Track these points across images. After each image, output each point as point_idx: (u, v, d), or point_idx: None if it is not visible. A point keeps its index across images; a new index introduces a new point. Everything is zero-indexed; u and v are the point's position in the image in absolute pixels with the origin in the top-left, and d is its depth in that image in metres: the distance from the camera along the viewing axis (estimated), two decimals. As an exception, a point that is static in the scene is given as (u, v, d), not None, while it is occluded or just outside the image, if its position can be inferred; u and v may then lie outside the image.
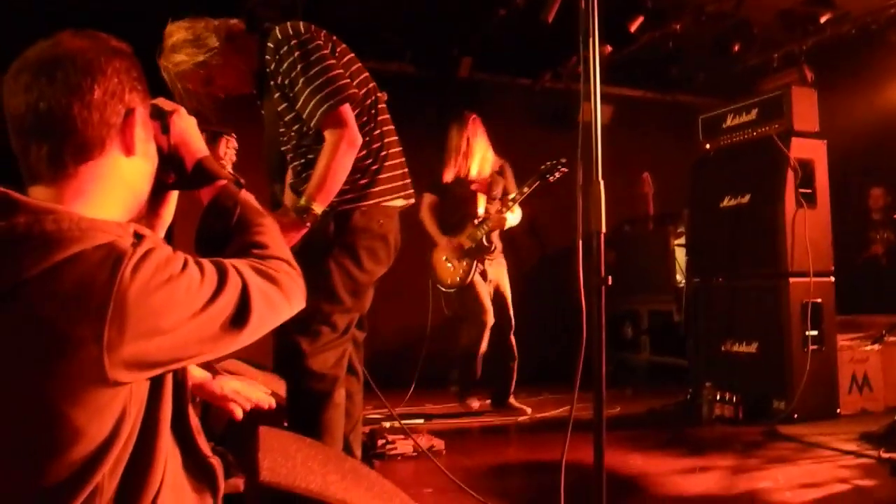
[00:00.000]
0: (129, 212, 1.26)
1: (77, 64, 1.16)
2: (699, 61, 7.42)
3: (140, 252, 1.07)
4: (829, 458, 3.70)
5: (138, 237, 1.12)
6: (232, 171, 1.51)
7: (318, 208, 2.45)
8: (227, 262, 1.21)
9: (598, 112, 1.71)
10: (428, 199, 5.19)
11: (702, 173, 5.44)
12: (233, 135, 2.78)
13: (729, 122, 5.24)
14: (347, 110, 2.49)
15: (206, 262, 1.17)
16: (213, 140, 3.71)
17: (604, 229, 1.72)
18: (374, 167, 2.65)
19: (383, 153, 2.68)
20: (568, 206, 2.10)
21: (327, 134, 2.49)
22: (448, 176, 5.19)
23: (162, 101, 1.47)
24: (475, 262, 5.03)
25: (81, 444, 1.04)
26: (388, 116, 2.77)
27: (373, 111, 2.69)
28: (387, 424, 4.38)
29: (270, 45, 2.57)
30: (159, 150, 1.35)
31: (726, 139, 5.25)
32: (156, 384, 1.15)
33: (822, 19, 6.13)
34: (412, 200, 2.82)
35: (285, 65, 2.51)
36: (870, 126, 7.43)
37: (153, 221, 1.43)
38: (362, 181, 2.61)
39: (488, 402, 5.21)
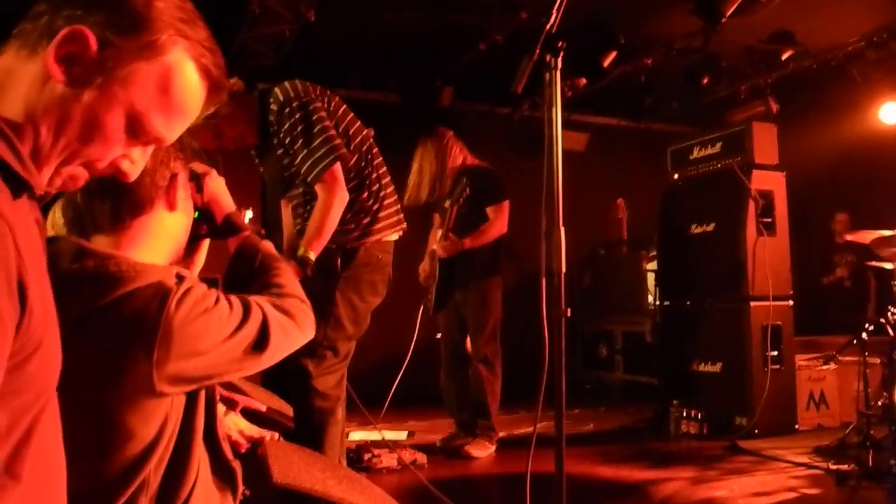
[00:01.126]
0: (171, 256, 1.54)
1: None
2: (671, 91, 7.77)
3: (182, 289, 1.34)
4: (783, 470, 3.99)
5: (180, 278, 1.39)
6: (256, 225, 1.80)
7: (313, 256, 2.77)
8: (251, 298, 1.48)
9: (559, 166, 1.97)
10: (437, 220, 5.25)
11: (670, 202, 5.75)
12: (248, 209, 3.10)
13: (696, 153, 5.57)
14: (338, 169, 2.82)
15: (234, 297, 1.44)
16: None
17: (563, 269, 1.99)
18: (375, 207, 2.99)
19: (382, 193, 3.03)
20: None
21: (319, 190, 2.82)
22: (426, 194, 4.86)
23: (196, 165, 1.76)
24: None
25: (133, 443, 1.31)
26: (381, 158, 3.10)
27: (368, 155, 3.02)
28: (370, 439, 4.62)
29: (273, 106, 2.88)
30: (194, 206, 1.62)
31: (693, 170, 5.58)
32: (191, 398, 1.42)
33: (784, 56, 6.48)
34: (404, 229, 3.15)
35: (287, 125, 2.85)
36: (833, 155, 7.80)
37: (188, 264, 1.70)
38: (365, 220, 2.96)
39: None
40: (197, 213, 1.65)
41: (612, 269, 7.54)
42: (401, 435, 4.99)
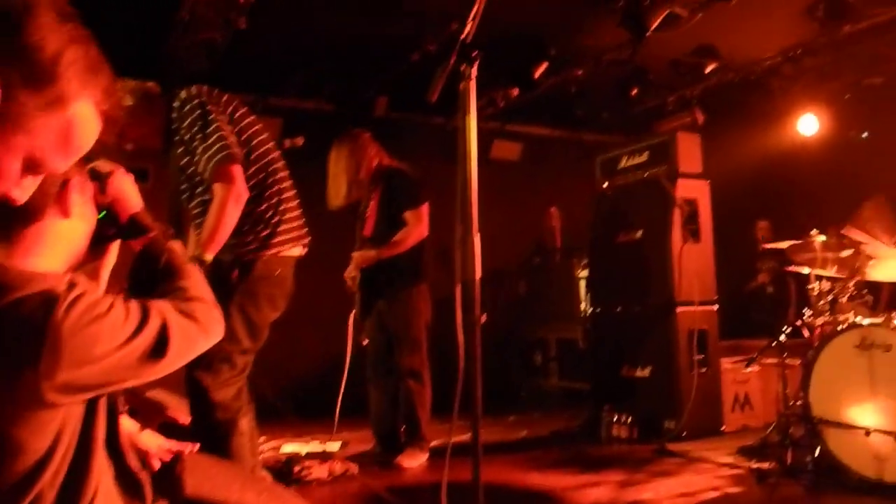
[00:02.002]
0: (69, 262, 1.50)
1: None
2: (602, 102, 7.93)
3: (72, 295, 1.32)
4: (708, 471, 4.10)
5: (72, 284, 1.36)
6: (163, 225, 1.77)
7: (209, 257, 2.74)
8: (152, 302, 1.46)
9: (474, 175, 1.99)
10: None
11: (600, 210, 5.86)
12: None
13: (624, 162, 5.69)
14: (237, 169, 2.80)
15: (132, 302, 1.42)
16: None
17: (479, 276, 2.01)
18: (275, 219, 2.95)
19: (282, 206, 2.99)
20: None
21: (216, 188, 2.80)
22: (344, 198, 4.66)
23: (101, 164, 1.72)
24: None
25: (24, 456, 1.28)
26: (286, 172, 3.07)
27: (270, 168, 3.00)
28: (303, 451, 4.58)
29: (176, 104, 2.90)
30: (99, 207, 1.59)
31: (621, 178, 5.70)
32: (90, 407, 1.39)
33: (708, 69, 6.68)
34: (307, 244, 3.11)
35: (186, 121, 2.85)
36: (756, 164, 8.06)
37: (98, 267, 1.66)
38: (264, 232, 2.91)
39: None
40: (103, 214, 1.62)
41: (546, 276, 7.64)
42: (334, 446, 4.95)
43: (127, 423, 2.13)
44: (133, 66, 3.42)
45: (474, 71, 2.00)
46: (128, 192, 1.71)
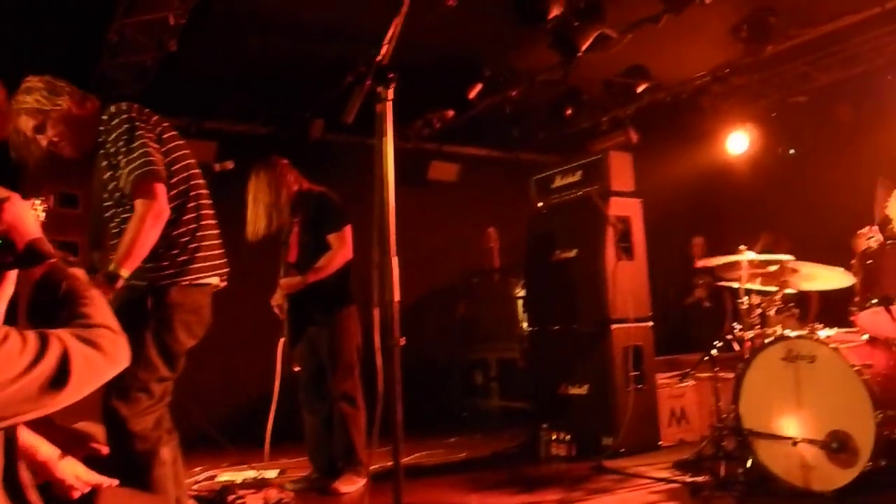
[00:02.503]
0: None
1: None
2: (538, 122, 8.02)
3: None
4: (644, 486, 4.12)
5: None
6: (62, 252, 1.70)
7: (125, 273, 2.65)
8: (51, 332, 1.40)
9: (391, 197, 1.98)
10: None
11: (536, 229, 5.90)
12: (41, 199, 2.89)
13: (558, 182, 5.75)
14: (159, 187, 2.74)
15: (29, 332, 1.36)
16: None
17: (397, 298, 2.00)
18: (192, 245, 2.87)
19: (199, 233, 2.91)
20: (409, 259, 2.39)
21: (137, 204, 2.71)
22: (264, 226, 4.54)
23: None
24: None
25: None
26: (209, 200, 3.01)
27: (191, 193, 2.93)
28: (238, 479, 4.48)
29: (104, 117, 2.83)
30: None
31: (556, 197, 5.75)
32: None
33: (640, 89, 6.82)
34: (225, 283, 3.03)
35: (113, 135, 2.79)
36: (690, 181, 8.25)
37: None
38: (181, 258, 2.83)
39: None
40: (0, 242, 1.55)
41: (485, 297, 7.66)
42: (271, 473, 4.86)
43: (46, 450, 2.05)
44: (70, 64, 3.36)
45: (391, 93, 1.99)
46: (24, 218, 1.64)
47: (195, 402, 5.96)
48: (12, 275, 1.66)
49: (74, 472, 2.06)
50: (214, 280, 2.96)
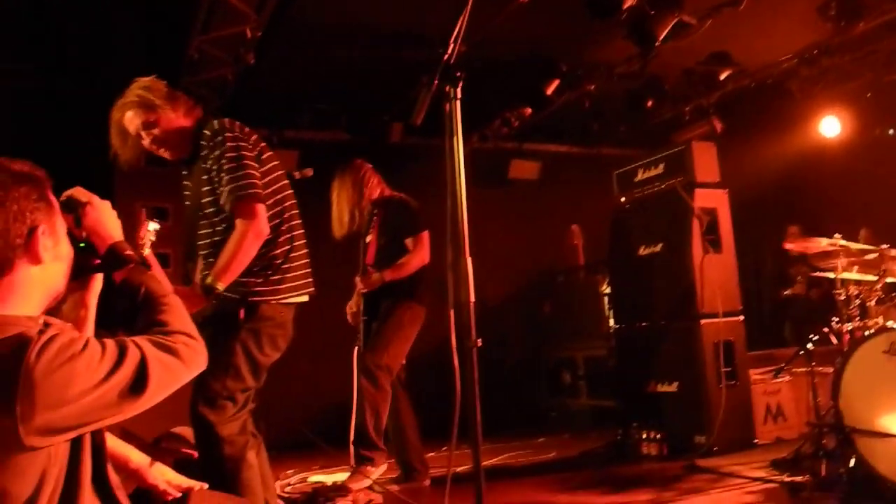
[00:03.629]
0: (44, 305, 1.49)
1: None
2: (618, 116, 7.87)
3: (45, 338, 1.31)
4: (739, 486, 3.97)
5: (46, 325, 1.35)
6: (141, 254, 1.75)
7: (221, 287, 2.75)
8: (129, 339, 1.45)
9: (463, 196, 1.97)
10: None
11: (619, 225, 5.79)
12: (153, 220, 3.00)
13: (640, 175, 5.62)
14: (261, 208, 2.83)
15: (108, 340, 1.41)
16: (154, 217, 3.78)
17: (472, 299, 1.98)
18: (285, 266, 2.97)
19: (292, 253, 3.01)
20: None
21: (238, 223, 2.81)
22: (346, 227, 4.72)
23: (78, 193, 1.71)
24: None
25: (7, 502, 1.26)
26: (299, 220, 3.11)
27: (285, 214, 3.02)
28: (329, 481, 4.55)
29: (207, 131, 2.91)
30: (76, 238, 1.59)
31: (639, 192, 5.63)
32: (75, 447, 1.38)
33: (723, 76, 6.60)
34: (312, 293, 3.12)
35: (217, 152, 2.86)
36: (781, 170, 7.95)
37: (84, 297, 1.66)
38: (273, 277, 2.92)
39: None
40: (81, 245, 1.61)
41: (570, 295, 7.55)
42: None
43: (137, 458, 2.12)
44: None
45: (459, 92, 1.97)
46: (105, 222, 1.70)
47: (284, 407, 6.11)
48: (99, 277, 1.72)
49: (165, 478, 2.13)
50: (302, 299, 3.06)
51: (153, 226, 2.91)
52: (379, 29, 5.87)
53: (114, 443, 1.99)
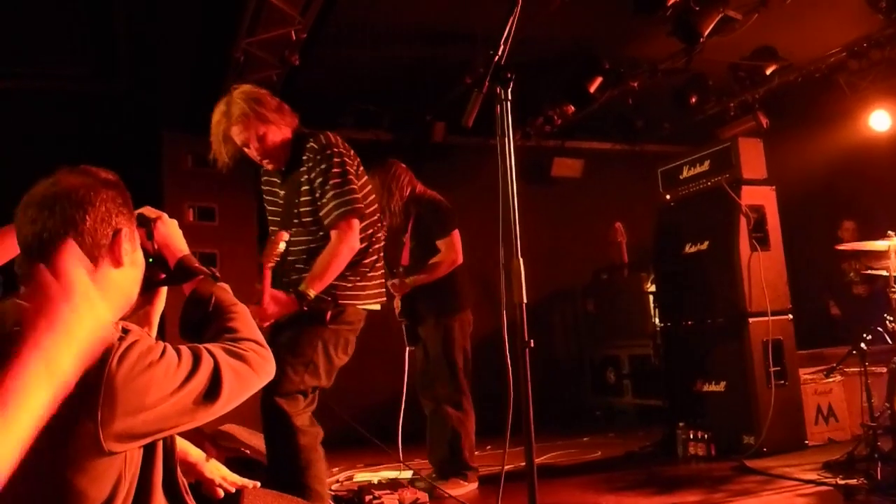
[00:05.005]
0: (122, 310, 1.54)
1: (71, 199, 1.44)
2: (662, 113, 7.80)
3: (125, 345, 1.34)
4: (790, 489, 3.91)
5: (125, 332, 1.38)
6: (209, 268, 1.79)
7: (313, 293, 2.91)
8: (202, 346, 1.48)
9: (514, 198, 1.97)
10: None
11: (664, 222, 5.73)
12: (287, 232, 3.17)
13: (685, 173, 5.56)
14: (356, 223, 2.99)
15: (183, 347, 1.44)
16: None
17: (525, 300, 1.98)
18: (370, 273, 3.16)
19: (378, 263, 3.22)
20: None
21: (334, 234, 2.97)
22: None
23: (147, 210, 1.77)
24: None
25: None
26: (382, 234, 3.29)
27: (375, 225, 3.21)
28: (375, 479, 4.58)
29: (314, 145, 3.03)
30: (147, 252, 1.63)
31: (684, 189, 5.56)
32: (148, 451, 1.41)
33: (769, 71, 6.50)
34: (384, 301, 3.29)
35: (323, 166, 2.99)
36: (830, 166, 7.78)
37: (149, 311, 1.70)
38: (360, 283, 3.10)
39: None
40: (151, 259, 1.65)
41: (614, 293, 7.50)
42: (405, 474, 4.93)
43: (195, 452, 2.18)
44: (197, 116, 3.54)
45: (509, 93, 1.97)
46: (174, 236, 1.75)
47: (330, 404, 6.15)
48: (163, 291, 1.76)
49: (221, 473, 2.17)
50: (376, 307, 3.23)
51: (283, 245, 3.05)
52: (421, 29, 5.90)
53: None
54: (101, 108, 6.39)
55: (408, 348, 4.65)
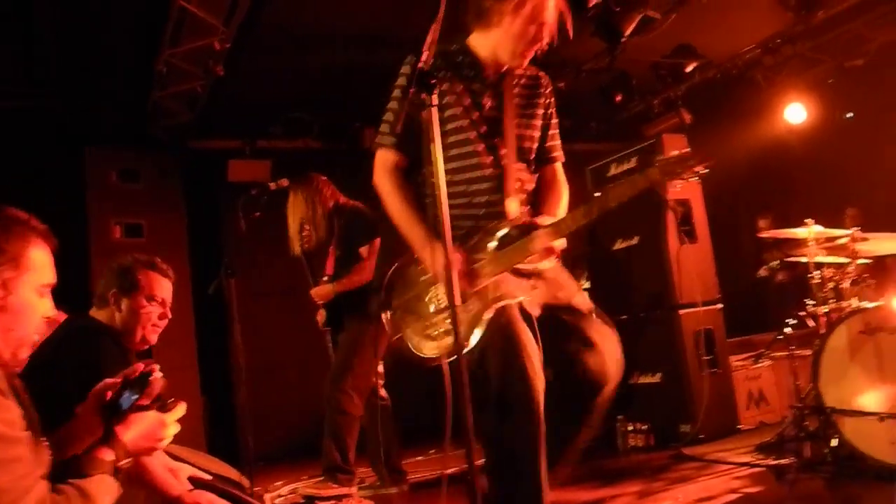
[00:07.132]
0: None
1: None
2: (589, 112, 7.94)
3: None
4: (726, 472, 4.04)
5: None
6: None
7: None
8: None
9: (444, 202, 1.99)
10: None
11: (595, 220, 5.82)
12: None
13: (613, 170, 5.68)
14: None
15: None
16: None
17: (459, 302, 2.00)
18: None
19: None
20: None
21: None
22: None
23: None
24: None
25: None
26: None
27: None
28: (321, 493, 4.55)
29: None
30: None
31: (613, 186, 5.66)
32: None
33: (689, 68, 6.69)
34: None
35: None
36: (750, 157, 8.04)
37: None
38: None
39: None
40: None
41: (549, 291, 7.60)
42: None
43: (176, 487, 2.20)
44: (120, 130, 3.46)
45: (435, 98, 1.99)
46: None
47: (272, 418, 6.08)
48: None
49: (208, 499, 2.19)
50: None
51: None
52: (349, 36, 5.87)
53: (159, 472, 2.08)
54: (20, 124, 6.17)
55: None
